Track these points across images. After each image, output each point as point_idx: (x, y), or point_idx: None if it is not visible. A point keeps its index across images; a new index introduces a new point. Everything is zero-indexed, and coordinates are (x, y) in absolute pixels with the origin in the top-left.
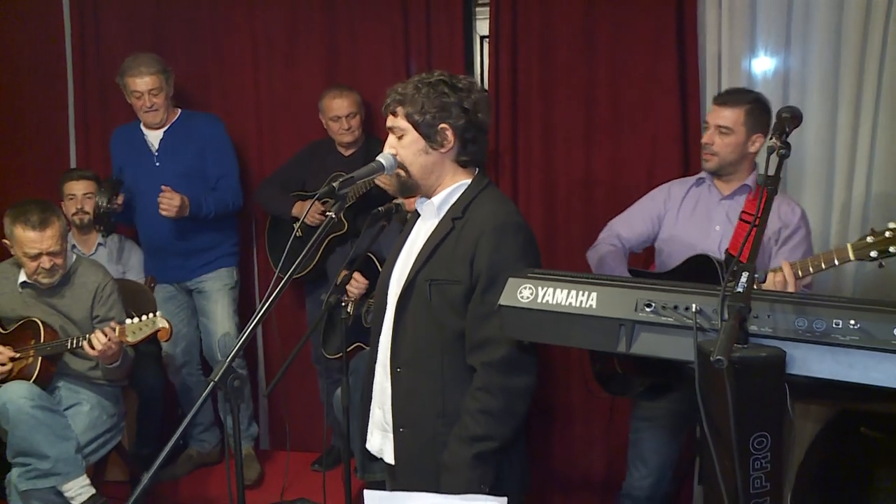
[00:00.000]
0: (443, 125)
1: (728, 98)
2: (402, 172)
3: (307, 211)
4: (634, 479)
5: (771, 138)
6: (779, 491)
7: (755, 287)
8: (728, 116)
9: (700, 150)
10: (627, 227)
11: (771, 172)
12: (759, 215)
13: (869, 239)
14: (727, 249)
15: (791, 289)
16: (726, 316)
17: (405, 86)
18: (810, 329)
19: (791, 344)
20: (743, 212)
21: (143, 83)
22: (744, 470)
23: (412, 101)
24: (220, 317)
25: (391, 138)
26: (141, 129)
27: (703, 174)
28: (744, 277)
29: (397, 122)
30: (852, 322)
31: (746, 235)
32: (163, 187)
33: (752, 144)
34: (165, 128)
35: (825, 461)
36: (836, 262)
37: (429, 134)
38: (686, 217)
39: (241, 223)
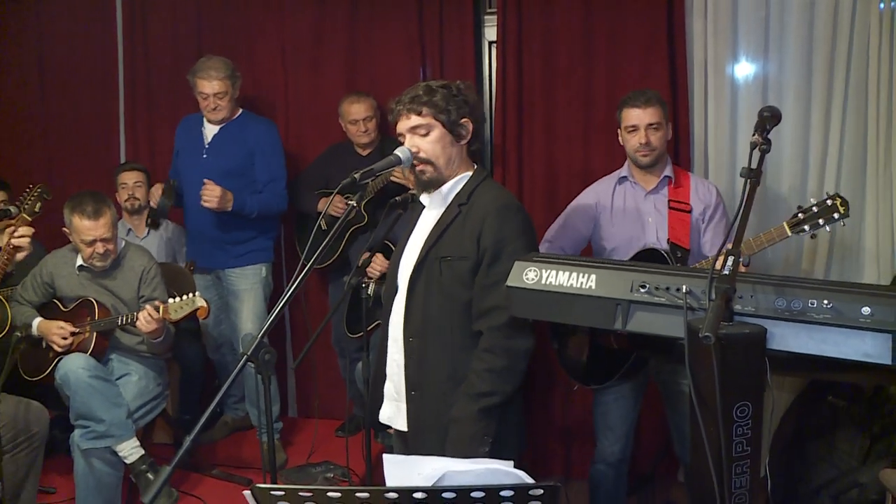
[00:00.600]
0: (464, 119)
1: (647, 98)
2: (427, 168)
3: (330, 202)
4: (605, 447)
5: (754, 135)
6: (758, 454)
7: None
8: (654, 114)
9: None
10: (565, 235)
11: (753, 166)
12: (742, 205)
13: (800, 216)
14: (669, 239)
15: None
16: (713, 296)
17: (415, 90)
18: (788, 308)
19: (771, 322)
20: (670, 200)
21: (209, 86)
22: (727, 435)
23: (433, 102)
24: (244, 316)
25: (413, 138)
26: (202, 121)
27: (623, 172)
28: (730, 261)
29: (422, 120)
30: (826, 302)
31: (736, 225)
32: (205, 180)
33: (668, 135)
34: (223, 124)
35: (797, 426)
36: (777, 239)
37: (454, 128)
38: (619, 216)
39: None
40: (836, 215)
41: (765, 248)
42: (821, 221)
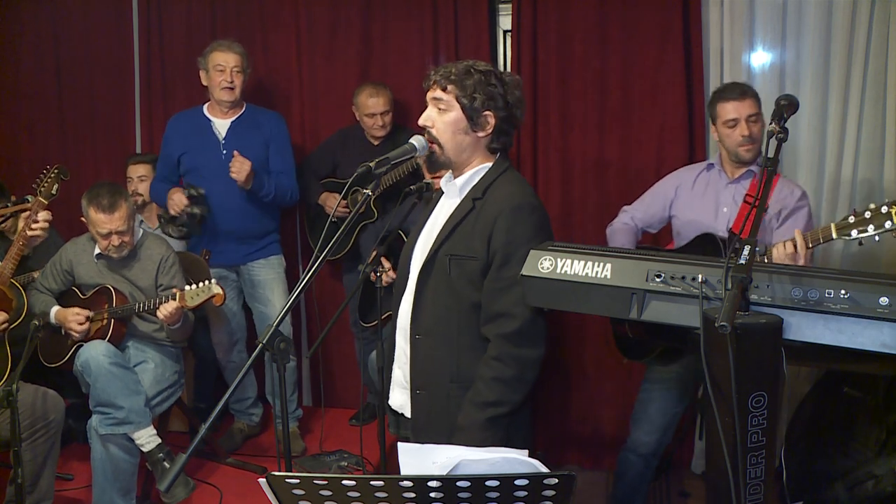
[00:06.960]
0: (487, 112)
1: (742, 90)
2: (435, 148)
3: (336, 207)
4: (640, 436)
5: (770, 123)
6: (773, 445)
7: (756, 260)
8: (752, 105)
9: (699, 138)
10: (640, 209)
11: (770, 155)
12: (758, 195)
13: (850, 219)
14: (730, 228)
15: (801, 259)
16: (730, 286)
17: (456, 66)
18: (805, 298)
19: (787, 311)
20: (746, 194)
21: (227, 58)
22: (743, 426)
23: (463, 83)
24: (277, 305)
25: (431, 111)
26: (206, 117)
27: (713, 160)
28: (746, 251)
29: (445, 96)
30: (843, 292)
31: (747, 214)
32: (234, 152)
33: (766, 128)
34: (233, 118)
35: (812, 417)
36: (822, 241)
37: (473, 116)
38: (697, 200)
39: (284, 211)
40: (888, 224)
41: (810, 248)
42: (870, 228)
